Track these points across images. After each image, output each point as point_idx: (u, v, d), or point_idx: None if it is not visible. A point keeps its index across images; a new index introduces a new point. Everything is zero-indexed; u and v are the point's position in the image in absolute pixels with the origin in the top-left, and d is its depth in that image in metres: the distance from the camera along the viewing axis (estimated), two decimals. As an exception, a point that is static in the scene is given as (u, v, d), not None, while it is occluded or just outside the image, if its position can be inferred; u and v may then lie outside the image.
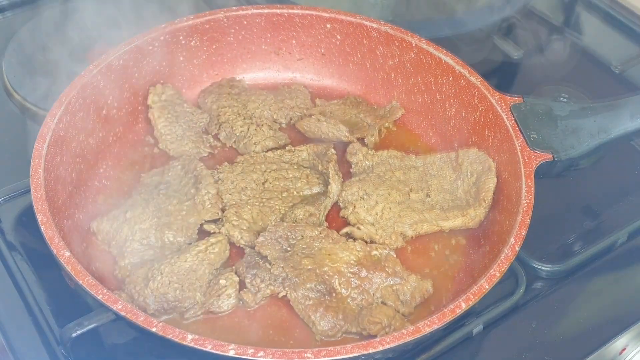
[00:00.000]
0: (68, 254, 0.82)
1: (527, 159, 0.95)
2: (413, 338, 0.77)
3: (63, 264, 0.81)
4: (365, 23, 1.14)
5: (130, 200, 0.98)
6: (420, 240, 0.99)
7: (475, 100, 1.06)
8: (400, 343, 0.76)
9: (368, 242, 0.97)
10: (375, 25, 1.14)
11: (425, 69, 1.12)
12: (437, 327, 0.78)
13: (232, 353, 0.74)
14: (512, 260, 0.85)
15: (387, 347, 0.76)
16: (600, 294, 0.99)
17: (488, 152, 1.03)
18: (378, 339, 0.76)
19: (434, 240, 0.99)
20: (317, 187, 1.03)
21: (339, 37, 1.17)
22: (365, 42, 1.16)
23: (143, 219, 0.95)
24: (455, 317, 0.79)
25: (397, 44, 1.13)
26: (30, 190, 0.88)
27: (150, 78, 1.12)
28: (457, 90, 1.08)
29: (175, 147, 1.07)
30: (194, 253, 0.91)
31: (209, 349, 0.74)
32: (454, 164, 1.05)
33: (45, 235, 0.83)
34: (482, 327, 0.92)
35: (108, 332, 0.89)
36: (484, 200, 0.98)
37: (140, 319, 0.77)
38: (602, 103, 1.03)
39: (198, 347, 0.74)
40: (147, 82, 1.11)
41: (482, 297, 0.81)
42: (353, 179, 1.04)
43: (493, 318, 0.93)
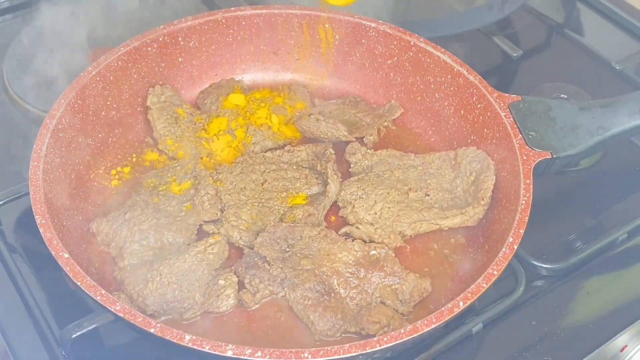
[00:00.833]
0: (67, 256, 0.82)
1: (525, 157, 0.95)
2: (411, 337, 0.77)
3: (62, 266, 0.81)
4: (364, 22, 1.14)
5: (130, 202, 0.99)
6: (419, 240, 0.99)
7: (474, 99, 1.06)
8: (399, 342, 0.76)
9: (367, 241, 0.97)
10: (374, 25, 1.14)
11: (424, 68, 1.12)
12: (435, 326, 0.78)
13: (230, 353, 0.74)
14: (510, 259, 0.85)
15: (385, 346, 0.76)
16: (600, 292, 0.99)
17: (487, 150, 1.03)
18: (376, 338, 0.76)
19: (433, 239, 0.99)
20: (316, 187, 1.03)
21: (338, 37, 1.17)
22: (364, 41, 1.16)
23: (142, 220, 0.95)
24: (454, 316, 0.79)
25: (395, 43, 1.13)
26: (29, 192, 0.88)
27: (149, 79, 1.12)
28: (455, 89, 1.08)
29: (175, 148, 1.07)
30: (193, 254, 0.92)
31: (207, 350, 0.74)
32: (453, 163, 1.05)
33: (44, 237, 0.84)
34: (481, 325, 0.92)
35: (108, 333, 0.89)
36: (483, 199, 0.98)
37: (139, 320, 0.77)
38: (600, 101, 1.03)
39: (196, 347, 0.74)
40: (146, 83, 1.11)
41: (480, 295, 0.81)
42: (352, 179, 1.05)
43: (493, 317, 0.93)
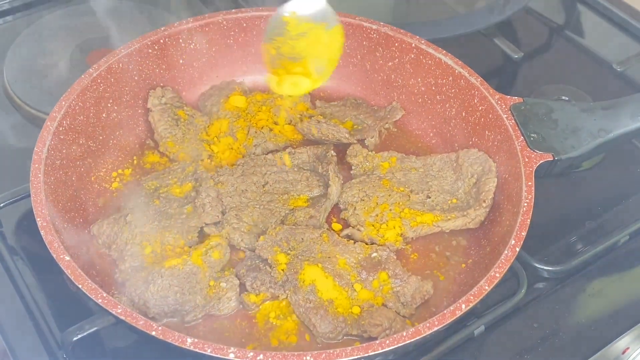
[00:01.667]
0: (68, 258, 0.82)
1: (527, 160, 0.95)
2: (413, 340, 0.77)
3: (63, 268, 0.81)
4: (365, 24, 1.14)
5: (131, 204, 0.98)
6: (421, 242, 0.99)
7: (476, 101, 1.05)
8: (401, 345, 0.76)
9: (368, 243, 0.97)
10: (375, 27, 1.14)
11: (425, 70, 1.11)
12: (437, 328, 0.78)
13: (232, 356, 0.74)
14: (512, 261, 0.85)
15: (387, 349, 0.76)
16: (602, 295, 0.99)
17: (488, 152, 1.03)
18: (378, 341, 0.76)
19: (435, 242, 0.99)
20: (317, 189, 1.03)
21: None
22: (365, 43, 1.16)
23: (143, 222, 0.95)
24: (456, 318, 0.79)
25: (397, 45, 1.13)
26: (30, 195, 0.88)
27: (150, 81, 1.12)
28: (457, 91, 1.08)
29: (176, 150, 1.07)
30: (194, 256, 0.91)
31: (209, 352, 0.74)
32: (455, 165, 1.04)
33: (45, 240, 0.83)
34: (483, 328, 0.92)
35: (109, 335, 0.89)
36: (484, 201, 0.98)
37: (140, 323, 0.77)
38: (602, 103, 1.02)
39: (198, 350, 0.74)
40: (146, 85, 1.11)
41: (482, 298, 0.81)
42: (353, 181, 1.04)
43: (494, 319, 0.93)
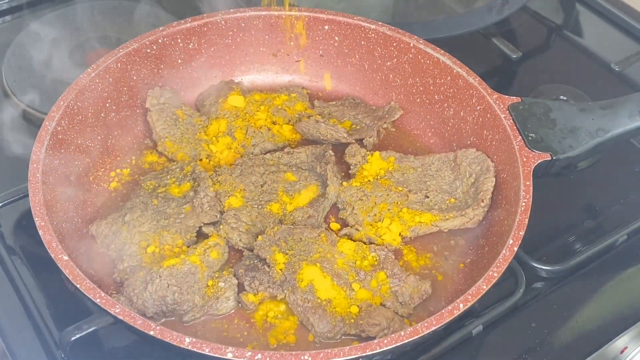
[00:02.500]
0: (66, 258, 0.82)
1: (525, 159, 0.95)
2: (411, 339, 0.77)
3: (61, 268, 0.81)
4: (363, 24, 1.14)
5: (129, 203, 0.99)
6: (419, 241, 0.99)
7: (474, 101, 1.05)
8: (399, 345, 0.76)
9: (367, 243, 0.97)
10: (373, 27, 1.14)
11: (424, 70, 1.12)
12: (435, 328, 0.78)
13: (230, 356, 0.74)
14: (510, 261, 0.85)
15: (385, 348, 0.76)
16: (601, 294, 0.99)
17: (486, 152, 1.03)
18: (376, 341, 0.76)
19: (433, 241, 0.99)
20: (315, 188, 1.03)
21: (337, 38, 1.17)
22: (364, 43, 1.16)
23: (142, 222, 0.95)
24: (454, 318, 0.79)
25: (395, 45, 1.13)
26: (29, 194, 0.88)
27: (149, 81, 1.12)
28: (455, 91, 1.08)
29: (174, 149, 1.07)
30: (193, 256, 0.91)
31: (207, 352, 0.74)
32: (453, 165, 1.05)
33: (44, 239, 0.84)
34: (481, 327, 0.92)
35: (107, 335, 0.89)
36: (483, 201, 0.98)
37: (139, 323, 0.77)
38: (600, 102, 1.03)
39: (196, 350, 0.74)
40: (145, 85, 1.11)
41: (480, 298, 0.81)
42: (352, 180, 1.05)
43: (493, 319, 0.93)
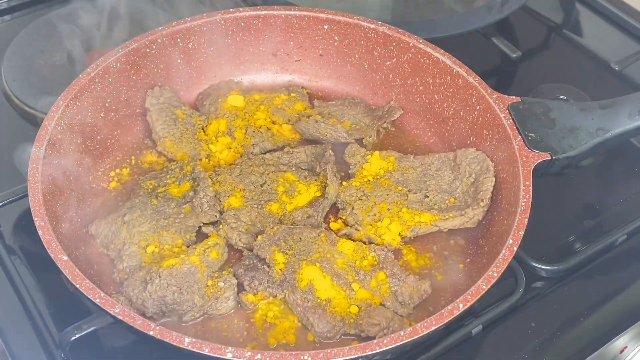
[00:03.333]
0: (66, 258, 0.82)
1: (524, 159, 0.95)
2: (411, 339, 0.77)
3: (61, 268, 0.81)
4: (363, 24, 1.14)
5: (129, 203, 0.98)
6: (419, 241, 0.99)
7: (473, 100, 1.05)
8: (398, 344, 0.76)
9: (366, 243, 0.97)
10: (373, 26, 1.14)
11: (423, 69, 1.11)
12: (434, 328, 0.78)
13: (229, 356, 0.74)
14: (509, 261, 0.85)
15: (384, 348, 0.76)
16: (600, 294, 0.99)
17: (486, 152, 1.03)
18: (376, 341, 0.76)
19: (433, 241, 0.99)
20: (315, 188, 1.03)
21: (337, 38, 1.17)
22: (363, 42, 1.16)
23: (141, 222, 0.95)
24: (453, 318, 0.79)
25: (394, 45, 1.13)
26: (28, 194, 0.88)
27: (148, 80, 1.12)
28: (455, 90, 1.08)
29: (174, 149, 1.07)
30: (192, 256, 0.91)
31: (207, 352, 0.74)
32: (452, 164, 1.05)
33: (43, 239, 0.83)
34: (481, 327, 0.92)
35: (107, 335, 0.89)
36: (482, 200, 0.98)
37: (138, 323, 0.77)
38: (600, 102, 1.02)
39: (196, 350, 0.74)
40: (144, 84, 1.11)
41: (480, 297, 0.81)
42: (351, 180, 1.04)
43: (492, 318, 0.93)
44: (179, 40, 1.12)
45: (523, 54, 1.31)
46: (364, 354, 0.75)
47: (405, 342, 0.77)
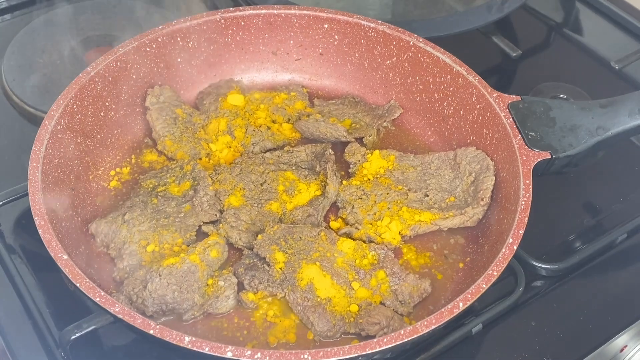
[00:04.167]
0: (66, 257, 0.82)
1: (524, 158, 0.95)
2: (411, 338, 0.77)
3: (61, 267, 0.81)
4: (363, 23, 1.14)
5: (129, 202, 0.99)
6: (419, 240, 0.99)
7: (473, 99, 1.05)
8: (398, 343, 0.76)
9: (366, 242, 0.97)
10: (373, 25, 1.14)
11: (423, 68, 1.11)
12: (434, 327, 0.78)
13: (229, 355, 0.74)
14: (509, 260, 0.85)
15: (384, 347, 0.76)
16: (600, 292, 0.99)
17: (486, 151, 1.03)
18: (376, 340, 0.76)
19: (433, 240, 0.99)
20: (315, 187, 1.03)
21: (337, 37, 1.17)
22: (363, 41, 1.16)
23: (141, 221, 0.95)
24: (453, 317, 0.79)
25: (394, 44, 1.13)
26: (28, 193, 0.88)
27: (148, 80, 1.12)
28: (455, 89, 1.08)
29: (174, 148, 1.07)
30: (192, 255, 0.91)
31: (207, 351, 0.74)
32: (452, 163, 1.05)
33: (43, 238, 0.83)
34: (481, 326, 0.92)
35: (107, 334, 0.89)
36: (482, 199, 0.98)
37: (138, 322, 0.77)
38: (600, 101, 1.02)
39: (195, 349, 0.74)
40: (144, 83, 1.11)
41: (480, 296, 0.81)
42: (351, 179, 1.05)
43: (492, 317, 0.93)
44: (179, 39, 1.12)
45: (523, 53, 1.31)
46: (364, 353, 0.75)
47: (405, 341, 0.77)
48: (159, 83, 1.13)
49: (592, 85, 1.26)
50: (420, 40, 1.11)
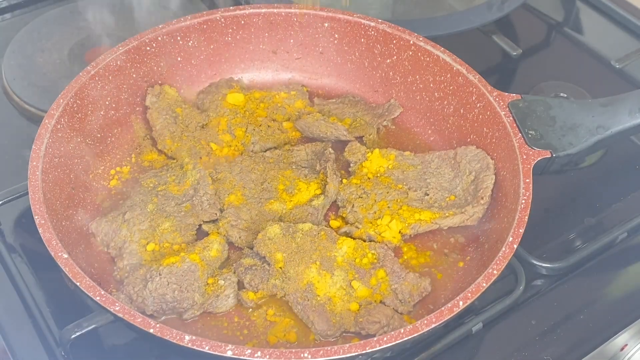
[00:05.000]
0: (66, 256, 0.82)
1: (525, 157, 0.95)
2: (411, 337, 0.77)
3: (61, 266, 0.81)
4: (363, 22, 1.14)
5: (129, 202, 0.99)
6: (419, 239, 0.99)
7: (474, 98, 1.05)
8: (398, 342, 0.76)
9: (366, 241, 0.97)
10: (373, 24, 1.14)
11: (424, 67, 1.11)
12: (434, 325, 0.78)
13: (229, 354, 0.74)
14: (510, 258, 0.84)
15: (384, 346, 0.76)
16: (600, 291, 0.99)
17: (486, 149, 1.03)
18: (376, 338, 0.76)
19: (433, 239, 0.99)
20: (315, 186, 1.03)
21: (337, 35, 1.17)
22: (363, 40, 1.16)
23: (142, 220, 0.95)
24: (453, 315, 0.79)
25: (395, 42, 1.13)
26: (28, 192, 0.88)
27: (148, 79, 1.12)
28: (455, 88, 1.08)
29: (174, 147, 1.07)
30: (193, 254, 0.91)
31: (207, 350, 0.74)
32: (453, 162, 1.04)
33: (43, 237, 0.83)
34: (481, 325, 0.92)
35: (107, 333, 0.89)
36: (482, 198, 0.98)
37: (138, 320, 0.77)
38: (600, 99, 1.02)
39: (196, 348, 0.74)
40: (145, 82, 1.11)
41: (480, 295, 0.81)
42: (351, 178, 1.05)
43: (492, 316, 0.93)
44: (179, 38, 1.12)
45: (523, 52, 1.31)
46: (364, 352, 0.75)
47: (405, 339, 0.77)
48: (159, 82, 1.13)
49: (592, 84, 1.26)
50: (421, 39, 1.11)
